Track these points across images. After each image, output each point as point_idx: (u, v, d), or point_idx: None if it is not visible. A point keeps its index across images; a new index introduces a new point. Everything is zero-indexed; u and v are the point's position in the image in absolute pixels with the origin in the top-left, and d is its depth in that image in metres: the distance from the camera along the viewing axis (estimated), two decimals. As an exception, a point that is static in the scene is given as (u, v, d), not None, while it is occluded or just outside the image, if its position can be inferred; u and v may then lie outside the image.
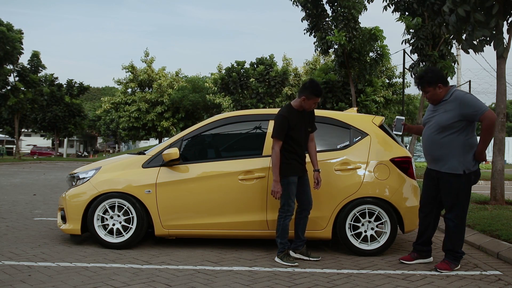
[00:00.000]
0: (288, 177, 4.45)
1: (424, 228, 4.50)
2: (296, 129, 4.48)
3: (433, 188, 4.42)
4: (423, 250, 4.53)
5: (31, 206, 8.12)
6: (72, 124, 39.79)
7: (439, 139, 4.24)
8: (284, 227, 4.47)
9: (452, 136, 4.19)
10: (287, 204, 4.47)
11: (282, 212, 4.49)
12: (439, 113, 4.28)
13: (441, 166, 4.27)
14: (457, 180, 4.20)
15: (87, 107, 54.62)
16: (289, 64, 31.42)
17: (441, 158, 4.26)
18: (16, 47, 27.95)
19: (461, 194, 4.22)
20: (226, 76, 25.86)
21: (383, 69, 26.14)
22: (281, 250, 4.48)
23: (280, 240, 4.49)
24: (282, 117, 4.46)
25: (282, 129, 4.43)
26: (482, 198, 8.18)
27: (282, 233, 4.48)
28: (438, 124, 4.25)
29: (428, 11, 11.18)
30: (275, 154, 4.41)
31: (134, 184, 4.91)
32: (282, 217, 4.48)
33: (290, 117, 4.47)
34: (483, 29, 7.03)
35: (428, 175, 4.48)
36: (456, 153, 4.19)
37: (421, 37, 12.36)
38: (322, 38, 15.50)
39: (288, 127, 4.43)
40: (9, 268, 4.07)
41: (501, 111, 7.65)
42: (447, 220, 4.30)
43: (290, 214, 4.48)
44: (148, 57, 36.71)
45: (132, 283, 3.70)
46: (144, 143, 60.75)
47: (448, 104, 4.23)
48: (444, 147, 4.23)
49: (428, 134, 4.36)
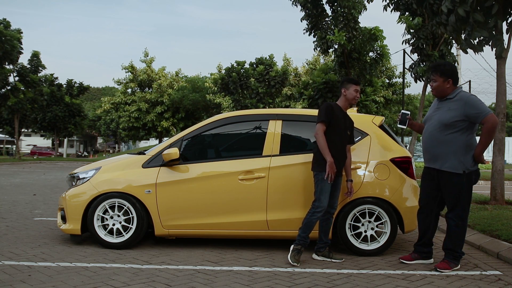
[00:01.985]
0: (322, 173, 4.39)
1: (425, 229, 4.50)
2: (339, 122, 4.50)
3: (433, 188, 4.41)
4: (423, 251, 4.53)
5: (31, 206, 8.12)
6: (72, 124, 39.77)
7: (441, 137, 4.25)
8: (308, 221, 4.39)
9: (454, 135, 4.19)
10: (318, 200, 4.39)
11: (312, 207, 4.42)
12: (443, 111, 4.29)
13: (441, 165, 4.26)
14: (458, 180, 4.20)
15: (87, 107, 54.62)
16: (289, 63, 31.43)
17: (441, 156, 4.25)
18: (15, 46, 27.91)
19: (462, 194, 4.22)
20: (226, 76, 25.86)
21: (383, 69, 26.16)
22: (296, 243, 4.39)
23: (300, 233, 4.41)
24: (327, 104, 4.53)
25: (326, 114, 4.43)
26: (482, 198, 8.18)
27: (304, 227, 4.40)
28: (441, 122, 4.25)
29: (427, 11, 11.17)
30: (321, 137, 4.38)
31: (134, 184, 4.91)
32: (310, 212, 4.41)
33: (335, 108, 4.53)
34: (482, 29, 7.03)
35: (428, 175, 4.46)
36: (457, 152, 4.19)
37: (421, 37, 12.36)
38: (322, 38, 15.49)
39: (332, 116, 4.45)
40: (9, 268, 4.07)
41: (501, 111, 7.64)
42: (448, 219, 4.30)
43: (319, 211, 4.37)
44: (147, 57, 36.73)
45: (132, 283, 3.70)
46: (144, 143, 60.75)
47: (452, 103, 4.25)
48: (445, 144, 4.23)
49: (429, 131, 4.36)
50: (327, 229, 4.58)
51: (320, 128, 4.43)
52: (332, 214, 4.57)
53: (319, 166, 4.42)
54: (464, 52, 7.73)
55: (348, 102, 4.65)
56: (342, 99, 4.66)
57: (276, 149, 4.95)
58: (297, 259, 4.36)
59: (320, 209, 4.38)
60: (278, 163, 4.87)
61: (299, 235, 4.43)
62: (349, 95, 4.61)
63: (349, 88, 4.61)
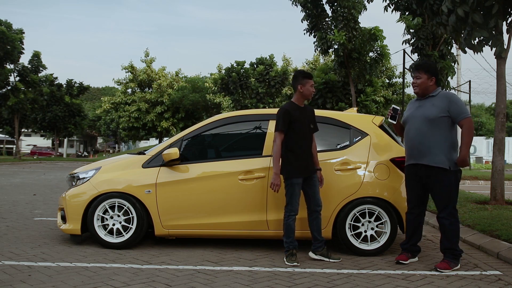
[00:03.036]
0: (291, 179, 4.45)
1: (414, 230, 4.52)
2: (299, 122, 4.49)
3: (420, 187, 4.44)
4: (414, 250, 4.58)
5: (31, 206, 8.12)
6: (72, 124, 39.79)
7: (429, 132, 4.29)
8: (287, 226, 4.46)
9: (440, 131, 4.27)
10: (290, 204, 4.47)
11: (285, 211, 4.50)
12: (426, 107, 4.36)
13: (430, 160, 4.27)
14: (447, 176, 4.25)
15: (87, 107, 54.61)
16: (288, 63, 31.42)
17: (430, 151, 4.27)
18: (16, 46, 27.93)
19: (452, 191, 4.28)
20: (226, 76, 25.85)
21: (383, 69, 26.13)
22: (286, 250, 4.46)
23: (285, 239, 4.47)
24: (284, 110, 4.49)
25: (284, 121, 4.43)
26: (482, 198, 8.18)
27: (285, 232, 4.47)
28: (427, 117, 4.30)
29: (427, 11, 11.17)
30: (276, 147, 4.41)
31: (134, 184, 4.91)
32: (285, 217, 4.48)
33: (292, 111, 4.49)
34: (482, 29, 7.02)
35: (413, 175, 4.45)
36: (444, 148, 4.26)
37: (421, 37, 12.35)
38: (322, 38, 15.49)
39: (290, 120, 4.44)
40: (9, 268, 4.07)
41: (501, 111, 7.64)
42: (442, 219, 4.31)
43: (293, 214, 4.46)
44: (148, 57, 36.72)
45: (132, 283, 3.70)
46: (144, 143, 60.75)
47: (435, 100, 4.34)
48: (434, 140, 4.27)
49: (416, 127, 4.37)
50: (318, 227, 4.59)
51: (278, 136, 4.44)
52: (319, 211, 4.57)
53: (287, 173, 4.46)
54: (464, 52, 7.72)
55: (304, 98, 4.62)
56: (297, 96, 4.60)
57: (276, 149, 4.94)
58: (293, 259, 4.38)
59: (293, 213, 4.45)
60: (278, 163, 4.86)
61: (284, 242, 4.47)
62: (305, 91, 4.57)
63: (305, 84, 4.57)
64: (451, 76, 12.88)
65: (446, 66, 12.54)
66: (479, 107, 59.74)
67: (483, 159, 31.54)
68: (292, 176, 4.45)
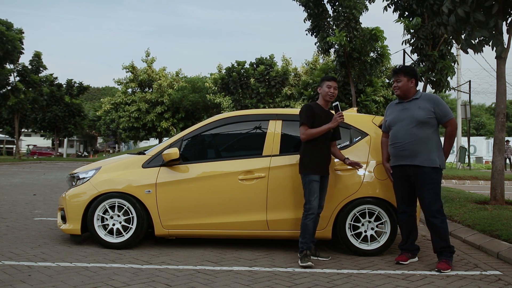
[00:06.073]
0: (309, 175, 4.43)
1: (409, 230, 4.56)
2: (321, 121, 4.52)
3: (408, 186, 4.48)
4: (414, 248, 4.60)
5: (31, 206, 8.12)
6: (72, 124, 39.80)
7: (419, 133, 4.35)
8: (303, 225, 4.41)
9: (429, 131, 4.36)
10: (308, 202, 4.42)
11: (304, 210, 4.45)
12: (413, 110, 4.42)
13: (422, 161, 4.32)
14: (437, 175, 4.33)
15: (87, 107, 54.62)
16: (288, 63, 31.41)
17: (421, 152, 4.32)
18: (16, 46, 27.93)
19: (439, 189, 4.37)
20: (226, 76, 25.86)
21: (383, 69, 26.13)
22: (300, 250, 4.40)
23: (300, 239, 4.43)
24: (307, 106, 4.58)
25: (306, 116, 4.49)
26: (482, 198, 8.17)
27: (301, 232, 4.43)
28: (416, 119, 4.36)
29: (428, 11, 11.16)
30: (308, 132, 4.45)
31: (134, 184, 4.91)
32: (303, 216, 4.44)
33: (315, 108, 4.58)
34: (482, 29, 7.02)
35: (401, 176, 4.48)
36: (434, 148, 4.35)
37: (421, 37, 12.34)
38: (323, 38, 15.50)
39: (313, 116, 4.50)
40: (9, 268, 4.07)
41: (501, 111, 7.63)
42: (432, 219, 4.32)
43: (311, 213, 4.39)
44: (149, 57, 36.73)
45: (132, 283, 3.70)
46: (144, 143, 60.73)
47: (420, 102, 4.43)
48: (424, 141, 4.34)
49: (405, 129, 4.41)
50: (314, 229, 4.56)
51: (303, 129, 4.50)
52: (318, 214, 4.56)
53: (306, 169, 4.46)
54: (464, 52, 7.71)
55: (324, 99, 4.68)
56: (319, 98, 4.74)
57: (276, 149, 4.95)
58: (307, 260, 4.32)
59: (311, 211, 4.40)
60: (278, 163, 4.87)
61: (300, 242, 4.42)
62: (322, 92, 4.68)
63: (322, 86, 4.68)
64: (451, 76, 12.86)
65: (446, 66, 12.53)
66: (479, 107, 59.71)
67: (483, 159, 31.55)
68: (310, 172, 4.44)
